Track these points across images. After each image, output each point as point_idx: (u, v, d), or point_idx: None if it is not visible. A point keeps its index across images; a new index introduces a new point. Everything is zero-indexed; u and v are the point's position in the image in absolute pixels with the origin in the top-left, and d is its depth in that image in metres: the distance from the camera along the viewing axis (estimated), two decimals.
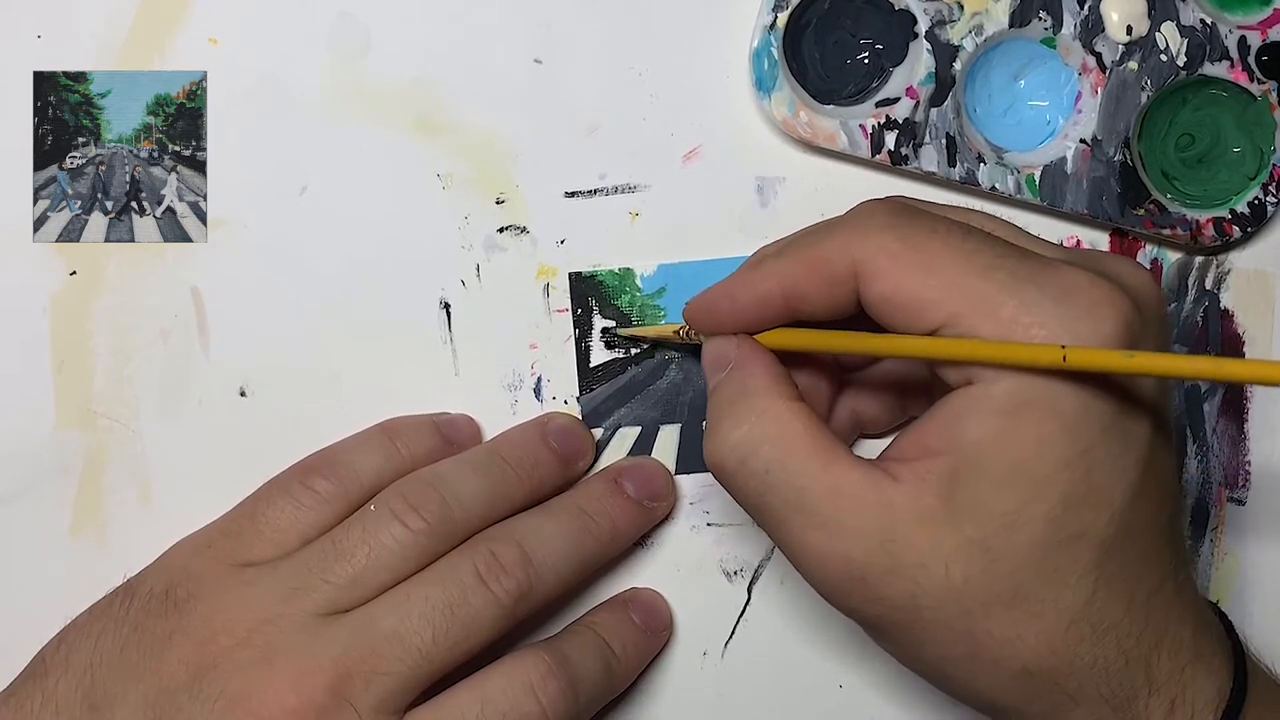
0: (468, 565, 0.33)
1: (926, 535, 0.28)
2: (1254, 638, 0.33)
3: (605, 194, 0.38)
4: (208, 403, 0.37)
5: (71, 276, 0.37)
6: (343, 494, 0.34)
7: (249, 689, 0.31)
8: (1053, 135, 0.38)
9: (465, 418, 0.37)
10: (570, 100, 0.38)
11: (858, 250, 0.29)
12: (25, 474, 0.37)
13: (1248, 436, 0.40)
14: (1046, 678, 0.29)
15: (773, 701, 0.39)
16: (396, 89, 0.37)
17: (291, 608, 0.32)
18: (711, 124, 0.38)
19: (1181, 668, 0.30)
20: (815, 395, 0.35)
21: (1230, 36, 0.38)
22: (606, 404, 0.38)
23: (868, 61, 0.38)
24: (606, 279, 0.38)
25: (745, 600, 0.39)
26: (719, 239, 0.38)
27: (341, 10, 0.37)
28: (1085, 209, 0.38)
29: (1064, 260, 0.29)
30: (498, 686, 0.32)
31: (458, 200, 0.37)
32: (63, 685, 0.32)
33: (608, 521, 0.36)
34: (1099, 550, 0.29)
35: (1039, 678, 0.29)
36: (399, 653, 0.31)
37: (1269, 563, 0.40)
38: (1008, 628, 0.29)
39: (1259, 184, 0.39)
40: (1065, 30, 0.38)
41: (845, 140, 0.37)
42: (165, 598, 0.33)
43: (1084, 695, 0.30)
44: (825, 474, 0.29)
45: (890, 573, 0.29)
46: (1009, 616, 0.29)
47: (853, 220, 0.30)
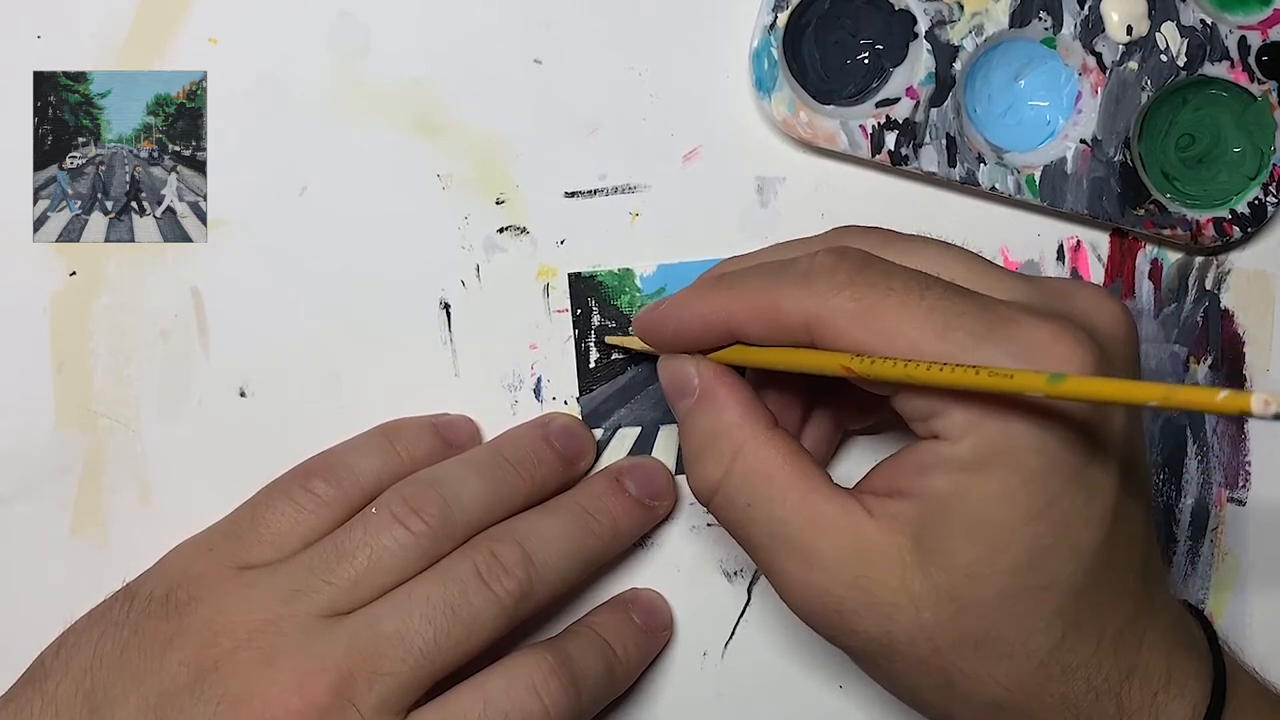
0: (469, 565, 0.33)
1: (896, 576, 0.29)
2: (1254, 638, 0.34)
3: (605, 194, 0.38)
4: (208, 403, 0.37)
5: (71, 277, 0.37)
6: (342, 497, 0.34)
7: (251, 690, 0.31)
8: (1053, 135, 0.38)
9: (464, 419, 0.37)
10: (570, 100, 0.38)
11: (813, 308, 0.29)
12: (25, 474, 0.37)
13: (1248, 436, 0.40)
14: (1017, 711, 0.30)
15: (773, 702, 0.39)
16: (396, 89, 0.37)
17: (293, 609, 0.32)
18: (711, 124, 0.38)
19: (1154, 694, 0.30)
20: (788, 407, 0.35)
21: (1230, 37, 0.38)
22: (606, 404, 0.38)
23: (868, 61, 0.38)
24: (606, 279, 0.38)
25: (745, 600, 0.39)
26: (719, 239, 0.38)
27: (341, 10, 0.37)
28: (1085, 209, 0.38)
29: (1026, 306, 0.29)
30: (500, 686, 0.32)
31: (458, 200, 0.37)
32: (63, 688, 0.32)
33: (609, 520, 0.36)
34: (1067, 597, 0.29)
35: (1010, 710, 0.30)
36: (401, 653, 0.31)
37: (1269, 563, 0.40)
38: (978, 666, 0.29)
39: (1259, 184, 0.39)
40: (1065, 30, 0.38)
41: (845, 140, 0.37)
42: (166, 600, 0.33)
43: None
44: (804, 505, 0.30)
45: (865, 607, 0.29)
46: (978, 656, 0.29)
47: (809, 276, 0.29)
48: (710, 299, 0.31)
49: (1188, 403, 0.22)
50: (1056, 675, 0.29)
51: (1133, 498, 0.30)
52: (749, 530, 0.31)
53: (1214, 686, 0.31)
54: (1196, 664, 0.31)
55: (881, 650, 0.30)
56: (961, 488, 0.28)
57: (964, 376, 0.26)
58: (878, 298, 0.28)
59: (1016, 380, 0.25)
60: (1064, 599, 0.29)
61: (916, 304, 0.28)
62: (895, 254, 0.30)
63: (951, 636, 0.29)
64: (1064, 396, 0.24)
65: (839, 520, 0.29)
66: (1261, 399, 0.21)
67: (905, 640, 0.29)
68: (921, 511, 0.29)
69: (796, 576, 0.30)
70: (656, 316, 0.33)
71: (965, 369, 0.26)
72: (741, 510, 0.31)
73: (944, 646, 0.29)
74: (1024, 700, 0.30)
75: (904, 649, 0.29)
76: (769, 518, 0.30)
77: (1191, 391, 0.22)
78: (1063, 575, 0.29)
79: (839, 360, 0.28)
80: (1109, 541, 0.29)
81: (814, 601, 0.30)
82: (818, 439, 0.36)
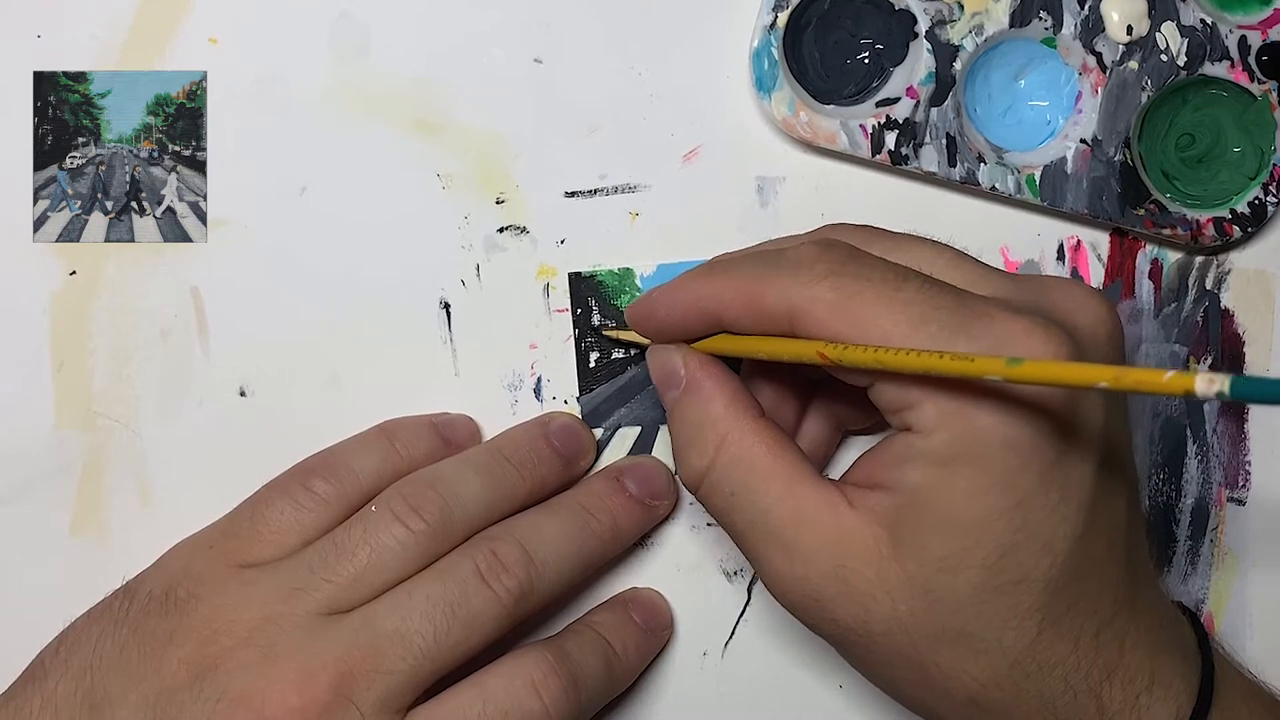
0: (469, 564, 0.33)
1: (874, 567, 0.29)
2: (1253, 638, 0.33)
3: (605, 194, 0.38)
4: (208, 403, 0.37)
5: (71, 276, 0.37)
6: (342, 496, 0.34)
7: (251, 688, 0.31)
8: (1053, 135, 0.38)
9: (464, 418, 0.37)
10: (570, 100, 0.38)
11: (795, 297, 0.29)
12: (25, 474, 0.37)
13: (1248, 436, 0.40)
14: (994, 707, 0.30)
15: (773, 701, 0.39)
16: (396, 89, 0.37)
17: (292, 607, 0.32)
18: (711, 124, 0.38)
19: (1135, 696, 0.30)
20: (784, 404, 0.35)
21: (1230, 36, 0.38)
22: (606, 404, 0.38)
23: (868, 61, 0.38)
24: (606, 279, 0.38)
25: (745, 600, 0.39)
26: (719, 239, 0.38)
27: (341, 10, 0.37)
28: (1085, 209, 0.38)
29: (1004, 303, 0.29)
30: (499, 685, 0.32)
31: (458, 200, 0.37)
32: (62, 687, 0.31)
33: (609, 520, 0.36)
34: (1042, 593, 0.29)
35: (986, 707, 0.30)
36: (401, 652, 0.31)
37: (1269, 563, 0.40)
38: (953, 662, 0.30)
39: (1259, 184, 0.39)
40: (1065, 30, 0.38)
41: (845, 140, 0.37)
42: (165, 599, 0.33)
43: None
44: (787, 496, 0.30)
45: (843, 597, 0.30)
46: (953, 652, 0.29)
47: (796, 264, 0.30)
48: (698, 285, 0.32)
49: (1137, 384, 0.23)
50: (1033, 673, 0.29)
51: (1112, 495, 0.30)
52: (733, 518, 0.31)
53: (1201, 688, 0.31)
54: (1184, 665, 0.31)
55: (859, 640, 0.30)
56: (933, 482, 0.28)
57: (929, 361, 0.27)
58: (857, 289, 0.29)
59: (977, 364, 0.26)
60: (1038, 595, 0.29)
61: (893, 296, 0.28)
62: (882, 249, 0.31)
63: (926, 630, 0.29)
64: (1021, 380, 0.25)
65: (820, 511, 0.30)
66: (1206, 379, 0.22)
67: (881, 631, 0.30)
68: (898, 503, 0.29)
69: (779, 565, 0.30)
70: (646, 302, 0.33)
71: (930, 354, 0.27)
72: (726, 499, 0.31)
73: (919, 639, 0.29)
74: (1000, 697, 0.30)
75: (881, 640, 0.30)
76: (752, 506, 0.31)
77: (1140, 373, 0.23)
78: (1036, 572, 0.29)
79: (814, 347, 0.29)
80: (1084, 538, 0.29)
81: (795, 590, 0.30)
82: (815, 439, 0.36)
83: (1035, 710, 0.30)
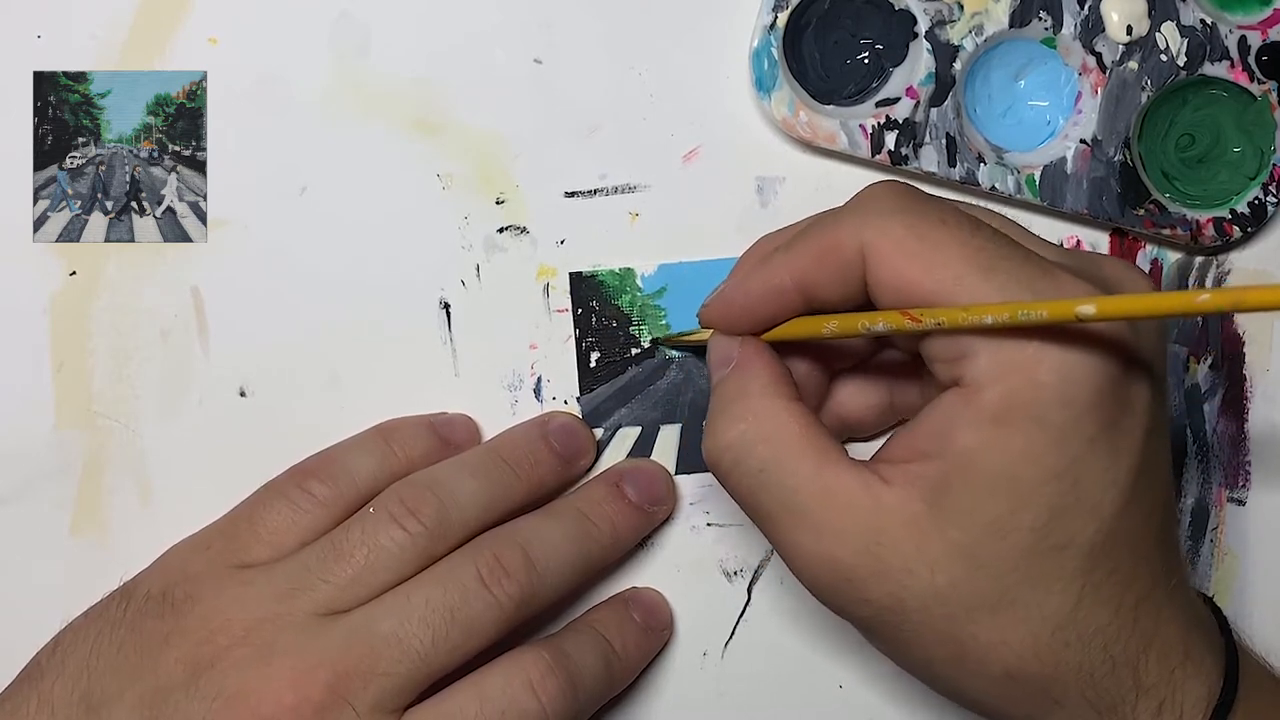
0: (470, 568, 0.33)
1: (913, 539, 0.29)
2: (1254, 638, 0.33)
3: (605, 194, 0.38)
4: (208, 403, 0.37)
5: (71, 277, 0.37)
6: (339, 497, 0.34)
7: (247, 688, 0.31)
8: (1053, 135, 0.38)
9: (463, 418, 0.37)
10: (570, 100, 0.38)
11: (866, 234, 0.29)
12: (25, 474, 0.37)
13: (1248, 436, 0.40)
14: (1030, 681, 0.30)
15: (773, 701, 0.39)
16: (396, 89, 0.37)
17: (289, 607, 0.32)
18: (711, 124, 0.38)
19: (1171, 670, 0.30)
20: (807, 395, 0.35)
21: (1230, 36, 0.38)
22: (607, 404, 0.38)
23: (868, 61, 0.38)
24: (607, 279, 0.38)
25: (745, 600, 0.39)
26: (719, 239, 0.38)
27: (341, 10, 0.37)
28: (1085, 209, 0.38)
29: (1064, 266, 0.29)
30: (497, 684, 0.32)
31: (458, 200, 0.37)
32: (59, 687, 0.32)
33: (609, 526, 0.36)
34: (1086, 558, 0.29)
35: (1023, 681, 0.30)
36: (397, 655, 0.31)
37: (1269, 563, 0.40)
38: (992, 632, 0.29)
39: (1259, 184, 0.39)
40: (1065, 30, 0.38)
41: (845, 140, 0.37)
42: (162, 599, 0.33)
43: (1068, 699, 0.30)
44: (818, 475, 0.29)
45: (876, 575, 0.29)
46: (993, 622, 0.29)
47: (861, 205, 0.30)
48: (772, 263, 0.31)
49: None
50: (1073, 642, 0.29)
51: (1154, 469, 0.29)
52: (760, 498, 0.30)
53: (1227, 668, 0.31)
54: (1211, 642, 0.31)
55: (892, 619, 0.29)
56: (985, 442, 0.28)
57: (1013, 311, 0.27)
58: (929, 227, 0.28)
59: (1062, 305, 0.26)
60: (1082, 560, 0.29)
61: (967, 239, 0.28)
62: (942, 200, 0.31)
63: (967, 600, 0.29)
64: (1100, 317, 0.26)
65: (854, 491, 0.29)
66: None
67: (917, 607, 0.29)
68: (943, 469, 0.28)
69: (807, 545, 0.30)
70: (723, 299, 0.32)
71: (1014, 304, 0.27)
72: (754, 477, 0.30)
73: (958, 611, 0.29)
74: (1038, 669, 0.29)
75: (916, 616, 0.29)
76: (781, 485, 0.30)
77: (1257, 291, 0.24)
78: (1081, 536, 0.28)
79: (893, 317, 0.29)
80: (1129, 505, 0.29)
81: (824, 572, 0.30)
82: None
83: (1073, 682, 0.29)
